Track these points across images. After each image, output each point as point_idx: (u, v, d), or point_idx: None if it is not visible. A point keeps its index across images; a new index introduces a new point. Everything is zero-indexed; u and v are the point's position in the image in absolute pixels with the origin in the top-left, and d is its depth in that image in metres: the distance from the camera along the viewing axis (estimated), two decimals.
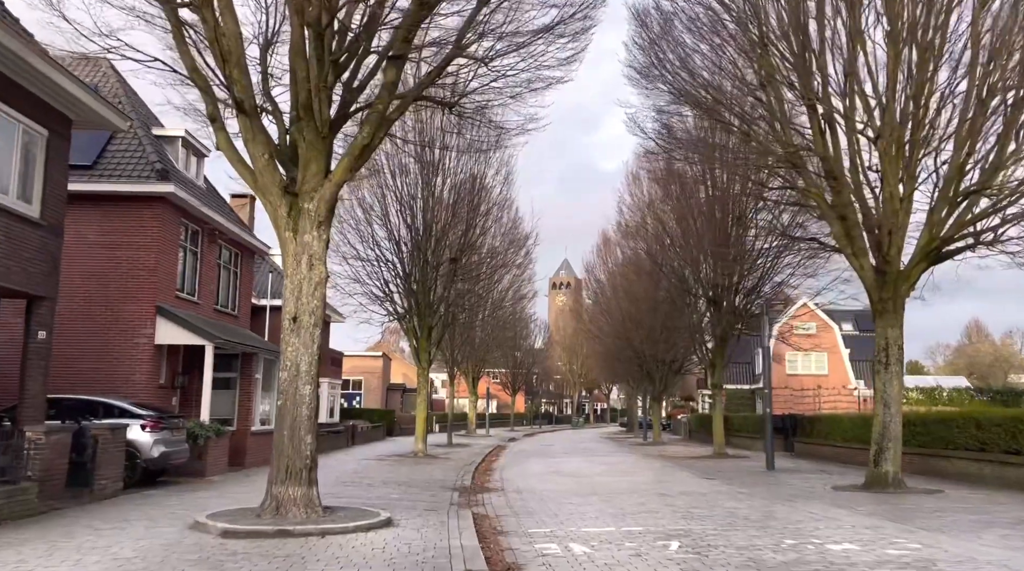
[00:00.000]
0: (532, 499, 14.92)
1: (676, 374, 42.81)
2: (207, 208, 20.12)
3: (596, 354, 62.02)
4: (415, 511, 12.20)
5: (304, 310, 10.68)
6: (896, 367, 16.59)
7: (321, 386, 38.33)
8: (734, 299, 28.67)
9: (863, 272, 16.97)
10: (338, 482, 17.07)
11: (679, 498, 14.86)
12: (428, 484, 17.21)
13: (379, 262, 26.42)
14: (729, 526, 11.20)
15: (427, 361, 27.10)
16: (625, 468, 22.98)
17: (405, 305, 26.80)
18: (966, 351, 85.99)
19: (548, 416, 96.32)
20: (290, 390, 10.60)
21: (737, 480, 18.81)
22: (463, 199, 26.82)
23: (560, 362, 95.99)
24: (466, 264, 27.08)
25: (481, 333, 45.81)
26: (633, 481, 18.60)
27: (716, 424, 29.00)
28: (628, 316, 40.08)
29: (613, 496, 15.26)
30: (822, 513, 12.60)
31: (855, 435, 24.21)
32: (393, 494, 15.12)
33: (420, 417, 26.64)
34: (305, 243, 10.73)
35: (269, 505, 10.33)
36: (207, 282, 20.57)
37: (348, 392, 61.76)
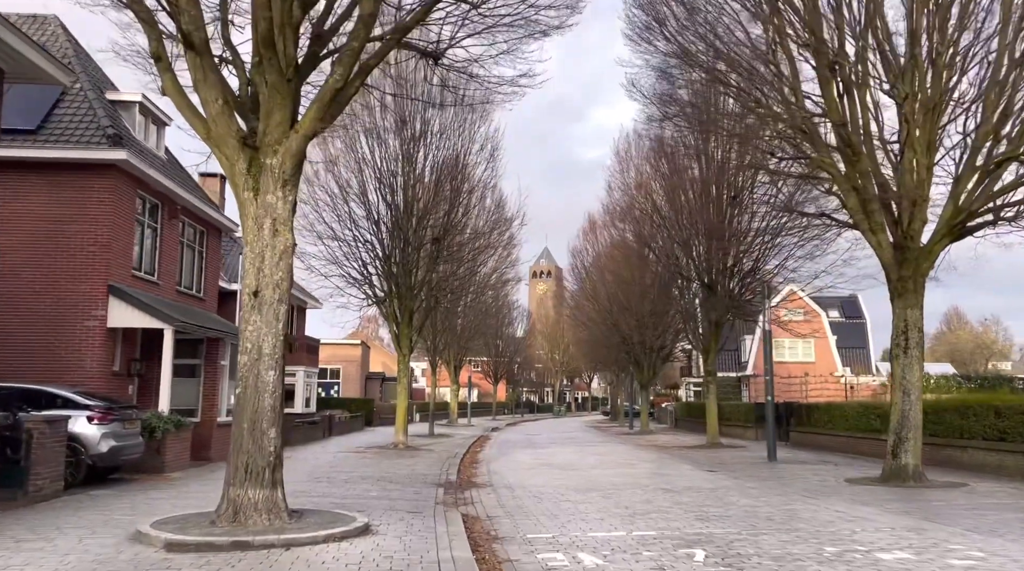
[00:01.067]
0: (526, 496, 13.54)
1: (664, 361, 41.64)
2: (168, 180, 18.44)
3: (580, 341, 60.74)
4: (396, 513, 10.76)
5: (267, 283, 9.16)
6: (916, 351, 15.38)
7: (296, 375, 36.88)
8: (729, 283, 27.44)
9: (880, 249, 15.72)
10: (310, 478, 15.59)
11: (686, 494, 13.55)
12: (410, 479, 15.77)
13: (357, 242, 24.86)
14: (752, 529, 9.88)
15: (408, 348, 25.60)
16: (619, 459, 21.69)
17: (385, 288, 25.26)
18: (947, 338, 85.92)
19: (530, 405, 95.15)
20: (250, 376, 9.08)
21: (741, 472, 17.57)
22: (446, 176, 25.28)
23: (541, 350, 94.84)
24: (449, 245, 25.57)
25: (463, 320, 44.39)
26: (632, 474, 17.30)
27: (710, 413, 27.82)
28: (615, 301, 38.79)
29: (614, 492, 13.92)
30: (850, 512, 11.33)
31: (858, 424, 23.12)
32: (371, 492, 13.67)
33: (400, 407, 25.17)
34: (268, 205, 9.19)
35: (225, 511, 8.83)
36: (168, 261, 18.91)
37: (325, 381, 60.04)
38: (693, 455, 23.32)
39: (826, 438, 25.13)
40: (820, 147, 15.95)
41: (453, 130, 25.05)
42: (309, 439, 28.36)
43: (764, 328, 21.60)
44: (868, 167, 15.64)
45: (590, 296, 41.05)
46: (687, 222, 27.97)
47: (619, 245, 39.40)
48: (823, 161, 15.91)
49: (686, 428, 43.99)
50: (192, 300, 20.39)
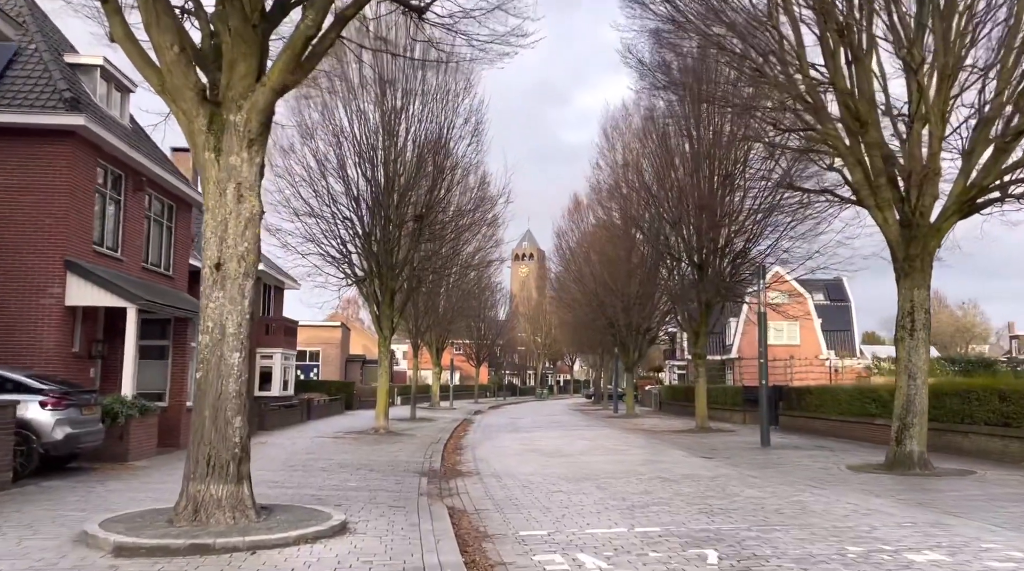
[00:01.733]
0: (515, 486, 12.72)
1: (651, 344, 41.01)
2: (133, 150, 17.28)
3: (564, 324, 60.03)
4: (377, 507, 9.89)
5: (231, 255, 8.18)
6: (923, 333, 14.70)
7: (274, 357, 35.77)
8: (720, 263, 26.72)
9: (887, 226, 14.97)
10: (285, 466, 14.67)
11: (685, 483, 12.80)
12: (392, 467, 14.91)
13: (335, 219, 23.79)
14: (764, 524, 9.12)
15: (389, 329, 24.65)
16: (609, 445, 20.96)
17: (365, 267, 24.25)
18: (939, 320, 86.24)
19: (512, 388, 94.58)
20: (212, 358, 8.14)
21: (738, 459, 16.88)
22: (428, 151, 24.23)
23: (523, 333, 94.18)
24: (431, 223, 24.57)
25: (446, 301, 43.44)
26: (624, 461, 16.55)
27: (699, 397, 27.18)
28: (601, 282, 38.02)
29: (609, 481, 13.15)
30: (862, 504, 10.62)
31: (851, 408, 22.55)
32: (350, 481, 12.79)
33: (381, 390, 24.26)
34: (231, 167, 8.20)
35: (184, 508, 7.91)
36: (133, 236, 17.78)
37: (305, 364, 59.00)
38: (684, 440, 22.65)
39: (818, 422, 24.58)
40: (824, 118, 15.13)
41: (436, 102, 23.99)
42: (286, 423, 27.40)
43: (759, 310, 20.88)
44: (875, 139, 14.85)
45: (575, 277, 40.24)
46: (677, 200, 27.16)
47: (605, 225, 38.58)
48: (828, 133, 15.09)
49: (671, 411, 43.48)
50: (160, 278, 19.28)
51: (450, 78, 23.89)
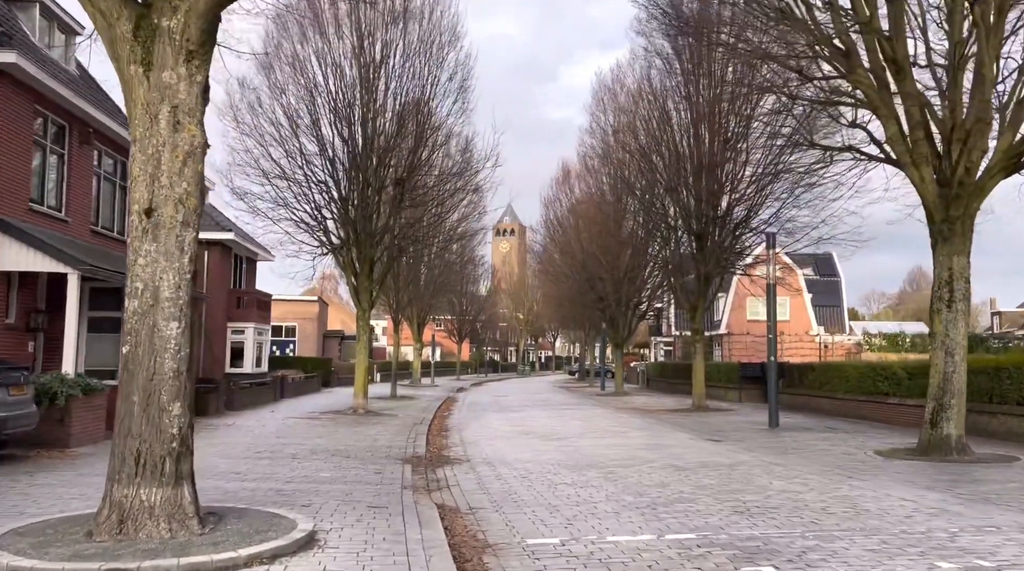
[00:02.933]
0: (512, 476, 11.16)
1: (640, 319, 39.64)
2: (80, 98, 15.32)
3: (550, 298, 58.52)
4: (353, 508, 8.28)
5: (165, 198, 6.45)
6: (962, 305, 13.27)
7: (246, 332, 33.88)
8: (720, 233, 25.22)
9: (923, 185, 13.46)
10: (250, 453, 13.01)
11: (703, 473, 11.32)
12: (371, 453, 13.31)
13: (309, 182, 21.91)
14: (816, 528, 7.64)
15: (368, 302, 22.92)
16: (605, 426, 19.49)
17: (341, 235, 22.44)
18: (914, 297, 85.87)
19: (494, 364, 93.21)
20: (142, 330, 6.44)
21: (751, 443, 15.45)
22: (410, 109, 22.35)
23: (505, 309, 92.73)
24: (413, 187, 22.77)
25: (427, 274, 41.69)
26: (628, 446, 15.05)
27: (697, 374, 25.80)
28: (590, 255, 36.46)
29: (616, 470, 11.64)
30: (920, 500, 9.18)
31: (860, 386, 21.26)
32: (323, 472, 11.17)
33: (360, 367, 22.59)
34: (164, 86, 6.43)
35: (108, 518, 6.24)
36: (80, 195, 15.86)
37: (280, 339, 57.12)
38: (684, 421, 21.25)
39: (822, 401, 23.30)
40: (856, 65, 13.52)
41: (419, 56, 22.07)
42: (257, 402, 25.69)
43: (768, 282, 19.41)
44: (913, 89, 13.29)
45: (563, 250, 38.61)
46: (675, 164, 25.55)
47: (595, 195, 36.94)
48: (860, 80, 13.49)
49: (659, 389, 42.25)
50: (114, 243, 17.39)
51: (434, 28, 21.98)
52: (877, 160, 14.74)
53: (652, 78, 26.08)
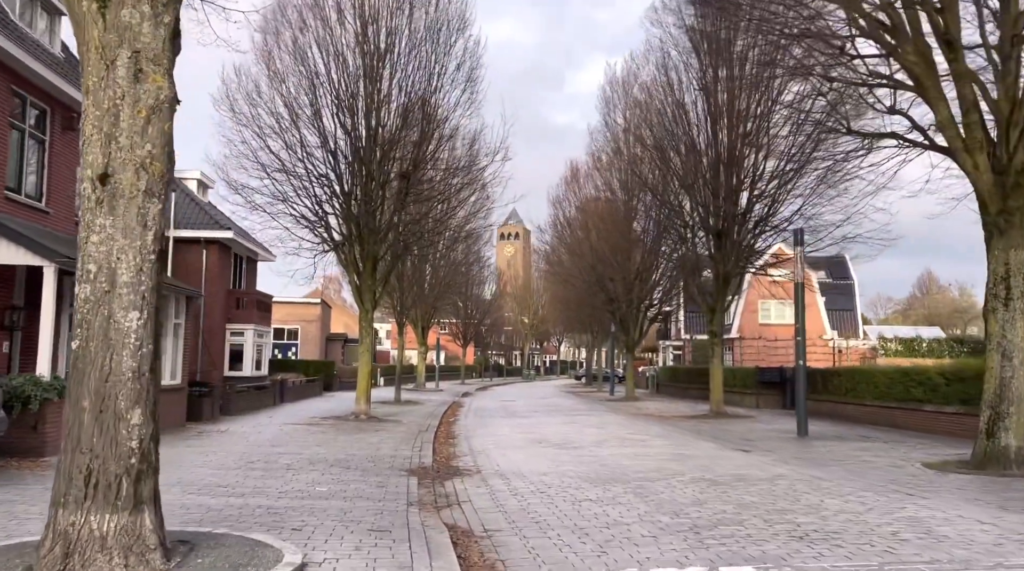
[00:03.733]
0: (529, 492, 10.03)
1: (652, 322, 38.48)
2: (63, 81, 14.27)
3: (558, 300, 57.33)
4: (352, 531, 7.17)
5: (124, 162, 5.36)
6: (1020, 303, 12.10)
7: (245, 334, 32.81)
8: (739, 231, 24.08)
9: (977, 174, 12.32)
10: (242, 463, 11.90)
11: (743, 489, 10.17)
12: (374, 463, 12.20)
13: (310, 176, 20.82)
14: (893, 559, 6.50)
15: (371, 303, 21.81)
16: (623, 434, 18.33)
17: (344, 231, 21.35)
18: (924, 302, 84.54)
19: (498, 368, 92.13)
20: (95, 320, 5.33)
21: (783, 453, 14.29)
22: (416, 100, 21.26)
23: (510, 313, 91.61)
24: (419, 180, 21.67)
25: (432, 275, 40.59)
26: (650, 455, 13.91)
27: (715, 379, 24.64)
28: (600, 256, 35.32)
29: (644, 484, 10.51)
30: (997, 522, 8.03)
31: (891, 393, 20.09)
32: (320, 485, 10.07)
33: (363, 371, 21.47)
34: (124, 27, 5.34)
35: (50, 551, 5.13)
36: (63, 185, 14.81)
37: (282, 342, 56.13)
38: (704, 428, 20.08)
39: (849, 408, 22.12)
40: (904, 41, 12.39)
41: (425, 42, 20.98)
42: (255, 407, 24.60)
43: (797, 280, 18.25)
44: (966, 68, 12.17)
45: (572, 250, 37.47)
46: (692, 159, 24.44)
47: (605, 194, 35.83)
48: (908, 60, 12.37)
49: (670, 394, 41.05)
50: None
51: (441, 15, 20.91)
52: (922, 147, 13.60)
53: (668, 69, 24.97)
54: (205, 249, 29.25)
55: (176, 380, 17.29)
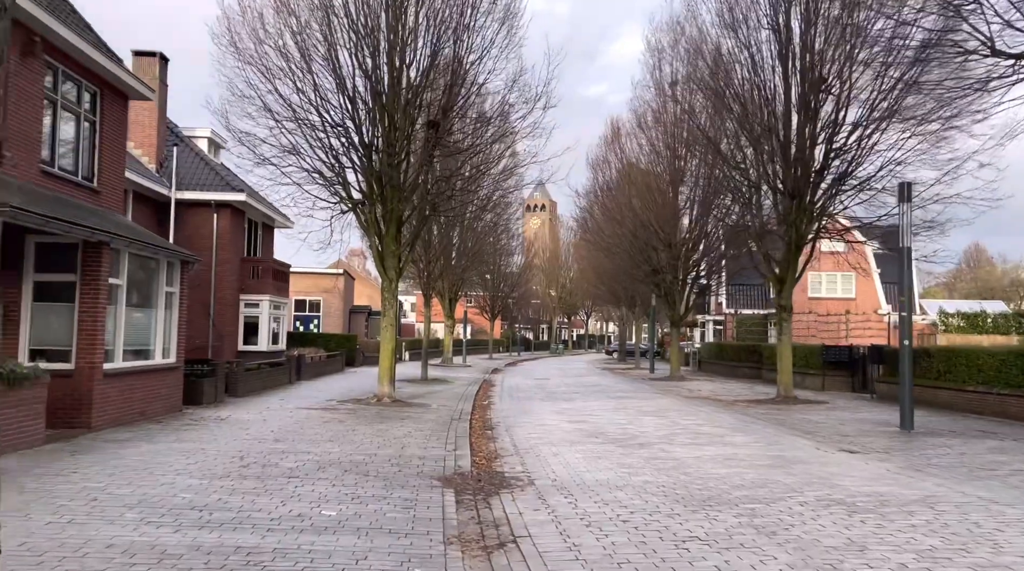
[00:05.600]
0: (607, 519, 7.37)
1: (701, 294, 35.54)
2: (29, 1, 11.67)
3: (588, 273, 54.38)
4: None
5: None
6: None
7: (260, 305, 30.41)
8: (814, 191, 21.05)
9: None
10: (233, 467, 9.37)
11: (898, 520, 7.43)
12: (397, 468, 9.64)
13: (325, 125, 18.12)
14: None
15: (395, 270, 19.18)
16: (689, 424, 15.59)
17: (364, 188, 18.69)
18: (975, 275, 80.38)
19: (526, 343, 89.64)
20: None
21: (910, 457, 11.49)
22: (446, 36, 18.40)
23: (537, 286, 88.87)
24: (450, 130, 18.88)
25: (460, 246, 37.92)
26: (740, 459, 11.16)
27: (783, 359, 21.74)
28: (643, 223, 32.34)
29: (757, 509, 7.80)
30: None
31: (1002, 378, 17.14)
32: (327, 504, 7.55)
33: (385, 348, 18.91)
34: None
35: None
36: (24, 124, 12.24)
37: (304, 314, 54.09)
38: (780, 416, 17.30)
39: (946, 394, 19.18)
40: None
41: None
42: (267, 387, 22.23)
43: (901, 243, 15.28)
44: None
45: (613, 217, 34.53)
46: (762, 111, 21.37)
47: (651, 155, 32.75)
48: None
49: (715, 372, 38.23)
50: (75, 189, 13.82)
51: None
52: None
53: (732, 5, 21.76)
54: (216, 213, 26.85)
55: (169, 358, 14.84)
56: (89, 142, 14.49)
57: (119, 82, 14.99)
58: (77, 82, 13.95)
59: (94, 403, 11.83)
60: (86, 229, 11.26)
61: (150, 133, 26.24)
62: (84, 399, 11.78)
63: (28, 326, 11.85)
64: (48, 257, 12.15)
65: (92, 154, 14.53)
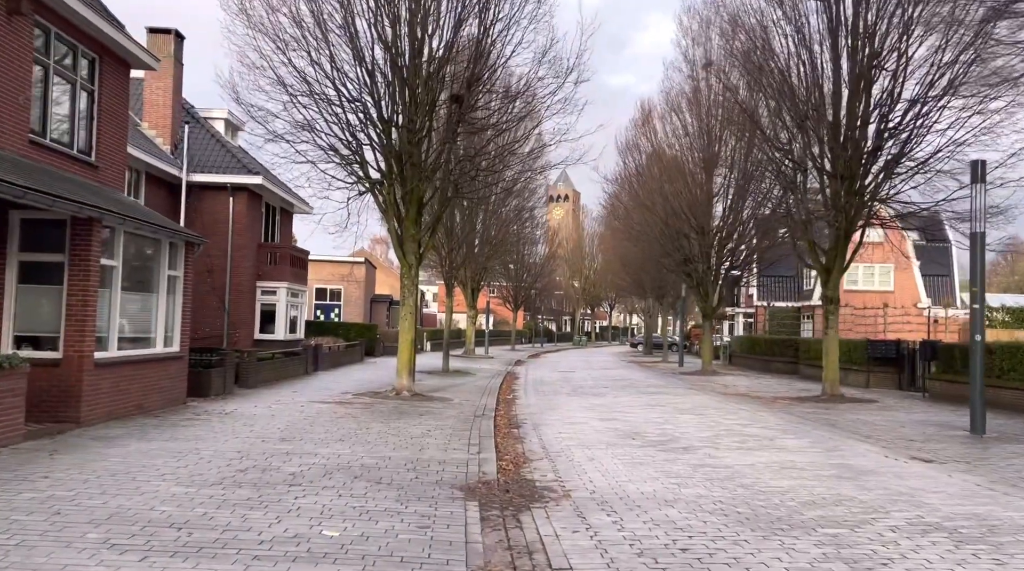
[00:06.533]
0: (663, 550, 6.11)
1: (735, 285, 34.05)
2: None
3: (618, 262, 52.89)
4: None
5: None
6: None
7: (278, 293, 29.35)
8: (865, 173, 19.54)
9: None
10: (228, 472, 8.23)
11: (1003, 543, 6.10)
12: (415, 475, 8.46)
13: (341, 99, 16.94)
14: None
15: (415, 256, 18.00)
16: (733, 425, 14.26)
17: (383, 167, 17.51)
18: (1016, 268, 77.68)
19: (548, 334, 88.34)
20: None
21: (997, 468, 10.09)
22: (471, 4, 17.10)
23: (560, 277, 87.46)
24: (474, 105, 17.62)
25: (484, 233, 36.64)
26: (799, 468, 9.84)
27: (830, 354, 20.31)
28: (674, 210, 30.88)
29: (844, 538, 6.50)
30: None
31: None
32: (329, 522, 6.38)
33: (404, 338, 17.76)
34: None
35: None
36: (7, 87, 11.16)
37: (325, 303, 53.36)
38: (833, 417, 15.90)
39: (1009, 394, 17.64)
40: None
41: None
42: (282, 377, 21.19)
43: (974, 229, 13.76)
44: None
45: (643, 204, 33.07)
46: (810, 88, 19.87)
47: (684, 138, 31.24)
48: None
49: (748, 366, 36.71)
50: (69, 162, 12.75)
51: None
52: None
53: None
54: (232, 196, 25.85)
55: (171, 347, 13.78)
56: (87, 113, 13.42)
57: (120, 49, 13.90)
58: (73, 47, 12.87)
59: (83, 396, 10.78)
60: (73, 203, 10.16)
61: (165, 113, 25.27)
62: (72, 391, 10.73)
63: (12, 310, 10.82)
64: (35, 235, 11.11)
65: (90, 126, 13.47)
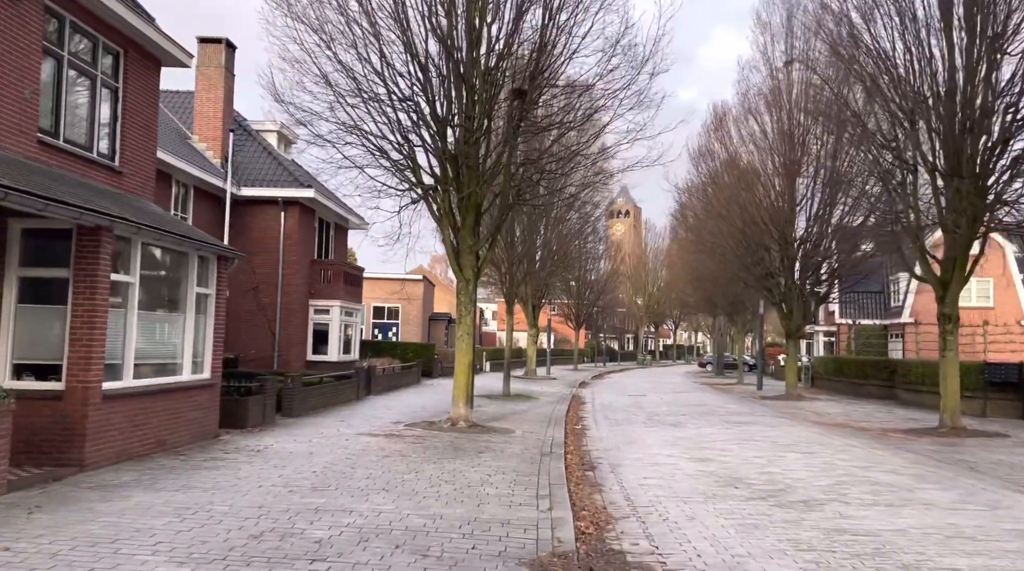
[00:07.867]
0: None
1: (822, 301, 31.28)
2: None
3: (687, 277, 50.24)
4: None
5: None
6: None
7: (331, 312, 27.98)
8: (987, 173, 16.95)
9: None
10: (239, 540, 6.41)
11: None
12: (470, 542, 6.53)
13: (392, 98, 15.32)
14: None
15: (472, 270, 16.18)
16: (858, 471, 11.89)
17: (438, 171, 15.79)
18: None
19: (611, 353, 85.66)
20: None
21: None
22: None
23: (622, 294, 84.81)
24: (536, 102, 15.78)
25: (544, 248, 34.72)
26: (974, 535, 7.55)
27: (949, 379, 17.61)
28: (752, 220, 28.42)
29: None
30: None
31: None
32: None
33: (461, 361, 15.91)
34: None
35: None
36: (13, 81, 9.81)
37: (383, 322, 52.16)
38: (964, 455, 13.35)
39: None
40: None
41: None
42: (331, 403, 19.58)
43: None
44: None
45: (718, 214, 30.67)
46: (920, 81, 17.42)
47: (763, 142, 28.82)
48: None
49: (833, 389, 33.73)
50: (86, 166, 11.37)
51: None
52: None
53: None
54: (284, 211, 24.67)
55: (202, 373, 12.24)
56: (110, 112, 12.08)
57: (149, 43, 12.56)
58: (93, 38, 11.55)
59: (88, 434, 9.22)
60: (73, 208, 8.65)
61: (215, 125, 24.26)
62: (75, 429, 9.18)
63: (11, 334, 9.37)
64: (38, 247, 9.68)
65: (113, 126, 12.11)
